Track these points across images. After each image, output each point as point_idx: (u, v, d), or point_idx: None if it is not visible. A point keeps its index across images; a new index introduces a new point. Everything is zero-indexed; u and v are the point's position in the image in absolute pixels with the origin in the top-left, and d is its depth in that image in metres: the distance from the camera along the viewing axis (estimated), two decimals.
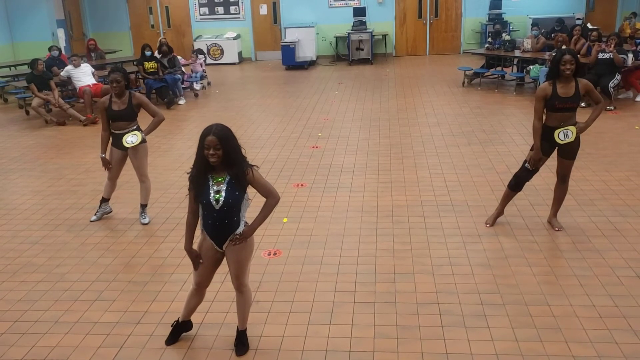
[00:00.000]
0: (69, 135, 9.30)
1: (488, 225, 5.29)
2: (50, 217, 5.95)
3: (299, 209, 5.86)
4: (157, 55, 11.70)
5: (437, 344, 3.61)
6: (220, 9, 17.39)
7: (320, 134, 8.73)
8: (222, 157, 3.18)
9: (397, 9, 16.96)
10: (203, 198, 3.26)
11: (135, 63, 11.83)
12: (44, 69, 10.14)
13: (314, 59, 16.30)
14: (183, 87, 11.82)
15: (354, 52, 16.03)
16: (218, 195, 3.23)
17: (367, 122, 9.38)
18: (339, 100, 11.17)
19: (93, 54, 13.36)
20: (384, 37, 17.00)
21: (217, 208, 3.25)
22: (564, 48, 5.67)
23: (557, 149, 4.94)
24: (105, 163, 5.60)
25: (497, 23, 14.53)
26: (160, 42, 12.05)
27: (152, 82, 11.13)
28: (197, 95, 12.15)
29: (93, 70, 10.69)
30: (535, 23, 13.36)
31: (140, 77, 11.64)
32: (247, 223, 3.40)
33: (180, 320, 3.74)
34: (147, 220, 5.69)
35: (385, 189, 6.32)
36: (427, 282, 4.36)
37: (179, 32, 17.73)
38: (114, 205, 5.97)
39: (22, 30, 15.45)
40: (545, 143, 4.90)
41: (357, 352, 3.57)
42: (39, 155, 8.24)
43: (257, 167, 3.34)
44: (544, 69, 10.19)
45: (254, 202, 3.54)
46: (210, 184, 3.26)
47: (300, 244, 5.08)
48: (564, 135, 4.80)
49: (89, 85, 10.25)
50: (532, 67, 11.09)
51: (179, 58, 12.18)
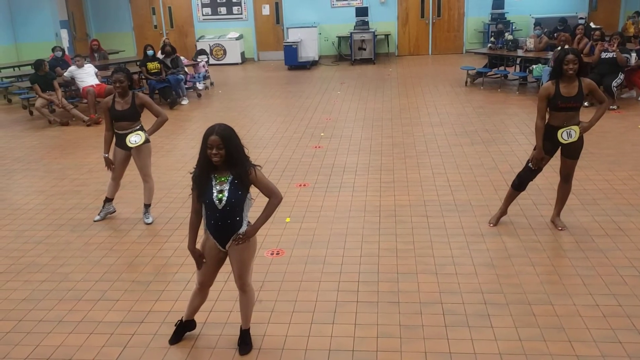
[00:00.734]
0: (73, 136, 9.32)
1: (491, 225, 5.29)
2: (54, 217, 5.97)
3: (302, 209, 5.87)
4: (160, 56, 11.72)
5: (440, 344, 3.61)
6: (223, 10, 17.41)
7: (323, 134, 8.73)
8: (224, 156, 3.17)
9: (399, 9, 16.96)
10: (206, 197, 3.26)
11: (138, 64, 11.85)
12: (48, 70, 10.17)
13: (317, 59, 16.33)
14: (186, 87, 11.84)
15: (357, 52, 16.04)
16: (221, 195, 3.23)
17: (369, 121, 9.38)
18: (342, 100, 11.17)
19: (96, 55, 13.38)
20: (387, 36, 16.99)
21: (219, 208, 3.25)
22: (567, 47, 5.67)
23: (560, 149, 4.93)
24: (108, 163, 5.61)
25: (499, 22, 14.54)
26: (164, 42, 12.08)
27: (155, 82, 11.16)
28: (200, 96, 12.16)
29: (96, 71, 10.71)
30: (538, 22, 13.36)
31: (143, 77, 11.67)
32: (249, 223, 3.41)
33: (184, 320, 3.75)
34: (150, 220, 5.71)
35: (388, 189, 6.32)
36: (430, 281, 4.36)
37: (182, 32, 17.76)
38: (118, 205, 5.98)
39: (25, 31, 15.48)
40: (549, 143, 4.89)
41: (360, 351, 3.58)
42: (43, 156, 8.26)
43: (260, 166, 3.35)
44: (547, 69, 10.18)
45: (257, 202, 3.55)
46: (213, 184, 3.25)
47: (303, 244, 5.09)
48: (567, 135, 4.80)
49: (93, 86, 10.27)
50: (534, 66, 11.07)
51: (182, 58, 12.19)
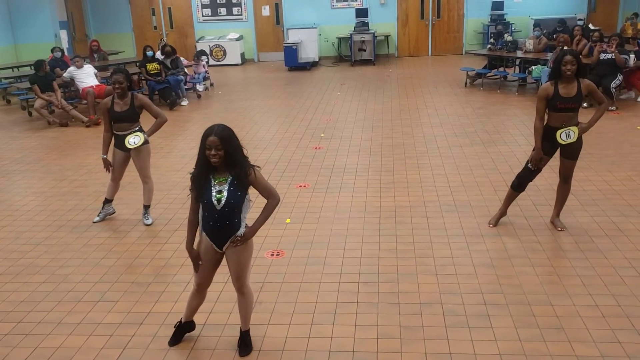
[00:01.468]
0: (72, 137, 9.31)
1: (491, 226, 5.29)
2: (53, 218, 5.96)
3: (302, 210, 5.86)
4: (159, 57, 11.72)
5: (440, 344, 3.61)
6: (223, 10, 17.41)
7: (323, 135, 8.73)
8: (223, 157, 3.17)
9: (399, 10, 16.97)
10: (204, 198, 3.25)
11: (138, 64, 11.84)
12: (48, 70, 10.17)
13: (317, 60, 16.33)
14: (186, 88, 11.84)
15: (357, 53, 16.05)
16: (220, 195, 3.23)
17: (369, 122, 9.38)
18: (342, 101, 11.17)
19: (96, 55, 13.37)
20: (387, 37, 17.01)
21: (218, 208, 3.24)
22: (566, 48, 5.67)
23: (559, 150, 4.94)
24: (107, 164, 5.60)
25: (499, 24, 14.54)
26: (163, 42, 12.06)
27: (154, 83, 11.15)
28: (199, 97, 12.16)
29: (96, 72, 10.71)
30: (537, 24, 13.37)
31: (143, 78, 11.66)
32: (247, 225, 3.41)
33: (183, 321, 3.75)
34: (150, 221, 5.70)
35: (388, 190, 6.32)
36: (430, 282, 4.36)
37: (182, 33, 17.76)
38: (117, 206, 5.98)
39: (24, 32, 15.48)
40: (548, 143, 4.90)
41: (360, 352, 3.57)
42: (42, 157, 8.26)
43: (259, 167, 3.35)
44: (546, 70, 10.18)
45: (255, 203, 3.55)
46: (212, 184, 3.25)
47: (303, 245, 5.09)
48: (566, 136, 4.80)
49: (92, 87, 10.27)
50: (534, 67, 11.08)
51: (182, 59, 12.19)
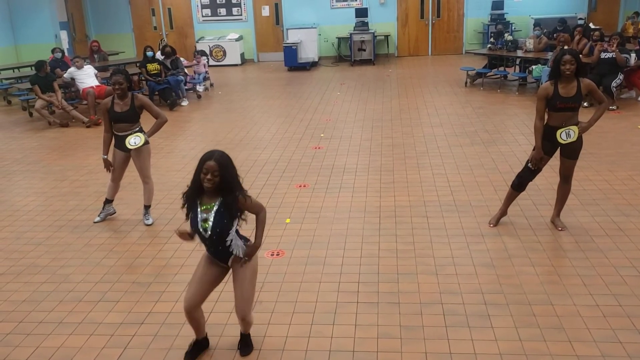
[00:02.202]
0: (72, 137, 9.32)
1: (491, 225, 5.29)
2: (54, 218, 5.97)
3: (302, 210, 5.87)
4: (159, 57, 11.72)
5: (440, 344, 3.61)
6: (223, 11, 17.42)
7: (323, 135, 8.73)
8: (217, 184, 3.12)
9: (399, 10, 16.97)
10: (192, 225, 3.24)
11: (138, 65, 11.85)
12: (49, 71, 10.18)
13: (316, 60, 16.33)
14: (186, 88, 11.84)
15: (356, 52, 16.05)
16: (205, 224, 3.19)
17: (369, 122, 9.38)
18: (342, 101, 11.17)
19: (96, 56, 13.37)
20: (386, 37, 17.00)
21: (206, 236, 3.22)
22: (565, 48, 5.67)
23: (559, 149, 4.94)
24: (107, 165, 5.61)
25: (499, 23, 14.54)
26: (164, 42, 12.07)
27: (154, 83, 11.15)
28: (199, 97, 12.17)
29: (96, 72, 10.72)
30: (538, 23, 13.37)
31: (143, 78, 11.66)
32: (246, 239, 3.36)
33: (195, 340, 3.60)
34: (150, 221, 5.71)
35: (388, 190, 6.32)
36: (430, 282, 4.36)
37: (182, 33, 17.76)
38: (118, 207, 5.98)
39: (25, 33, 15.50)
40: (548, 143, 4.90)
41: (360, 352, 3.58)
42: (42, 157, 8.26)
43: (249, 196, 3.26)
44: (546, 69, 10.18)
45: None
46: (199, 211, 3.21)
47: (303, 245, 5.09)
48: (566, 135, 4.80)
49: (92, 87, 10.27)
50: (534, 67, 11.08)
51: (182, 60, 12.20)
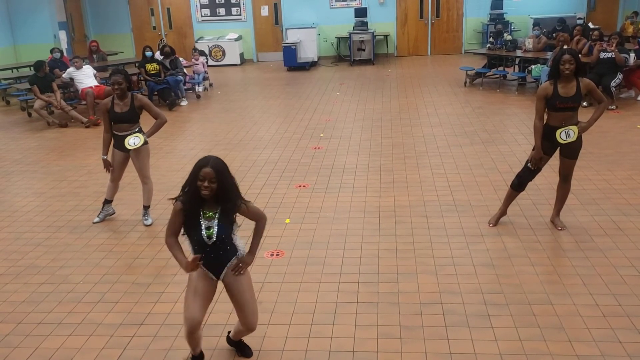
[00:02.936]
0: (71, 137, 9.31)
1: (491, 225, 5.29)
2: (53, 218, 5.96)
3: (302, 210, 5.86)
4: (158, 57, 11.71)
5: (440, 344, 3.61)
6: (222, 11, 17.42)
7: (322, 135, 8.73)
8: (215, 190, 3.04)
9: (398, 10, 16.97)
10: (194, 235, 3.13)
11: (137, 65, 11.84)
12: (48, 71, 10.17)
13: (316, 60, 16.33)
14: (185, 88, 11.84)
15: (356, 52, 16.05)
16: (209, 232, 3.11)
17: (369, 122, 9.38)
18: (341, 101, 11.17)
19: (95, 56, 13.38)
20: (386, 37, 17.01)
21: (209, 244, 3.13)
22: (564, 48, 5.67)
23: (559, 149, 4.94)
24: (107, 165, 5.60)
25: (498, 23, 14.55)
26: (163, 42, 12.06)
27: (154, 83, 11.14)
28: (199, 97, 12.16)
29: (95, 72, 10.71)
30: (537, 23, 13.38)
31: (142, 79, 11.66)
32: (244, 250, 3.32)
33: (192, 355, 3.49)
34: (149, 222, 5.70)
35: (388, 190, 6.32)
36: (430, 282, 4.35)
37: (181, 33, 17.76)
38: (117, 207, 5.98)
39: (24, 33, 15.48)
40: (547, 142, 4.90)
41: (360, 352, 3.57)
42: (41, 157, 8.25)
43: (249, 201, 3.23)
44: (546, 69, 10.17)
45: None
46: (201, 220, 3.12)
47: (303, 245, 5.09)
48: (566, 135, 4.80)
49: (92, 87, 10.27)
50: (533, 66, 11.08)
51: (181, 60, 12.19)
